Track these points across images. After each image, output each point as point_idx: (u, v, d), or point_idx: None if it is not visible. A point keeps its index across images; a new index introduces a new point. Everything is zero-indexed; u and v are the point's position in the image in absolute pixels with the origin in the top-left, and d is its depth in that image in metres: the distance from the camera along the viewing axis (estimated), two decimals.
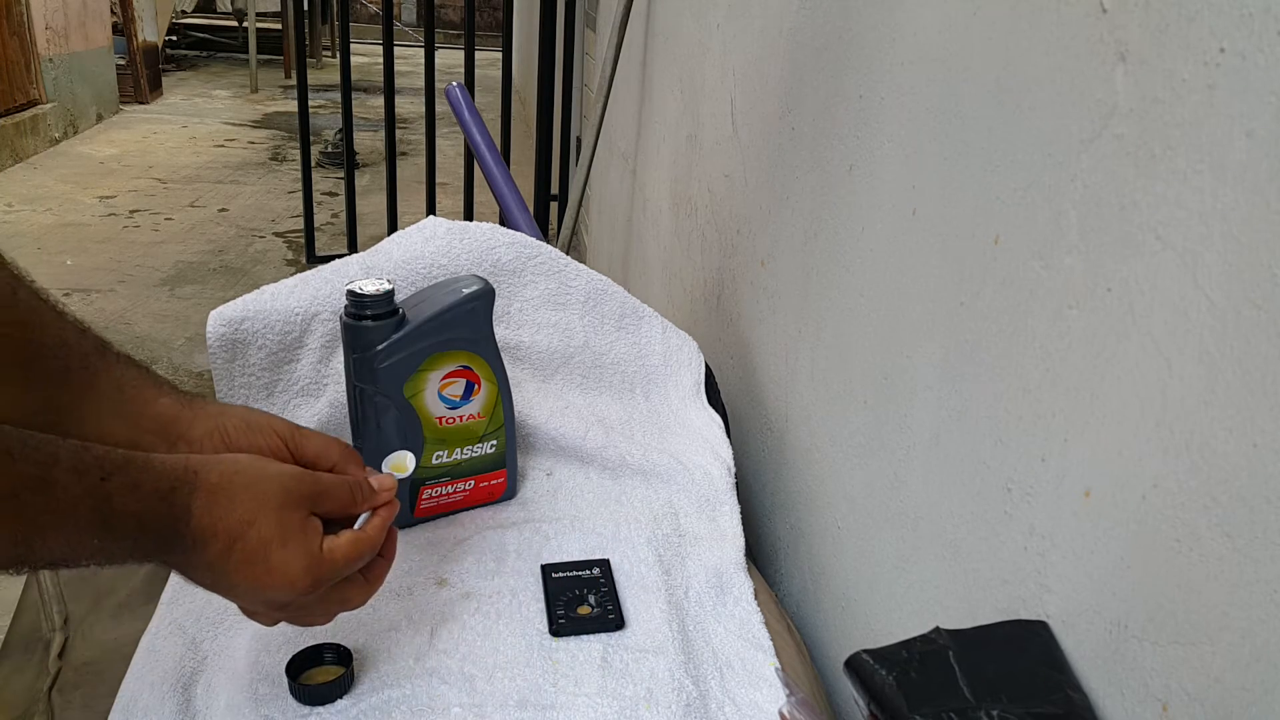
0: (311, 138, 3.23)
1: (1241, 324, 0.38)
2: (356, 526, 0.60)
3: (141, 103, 6.46)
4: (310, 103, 3.16)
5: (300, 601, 0.56)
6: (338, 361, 0.85)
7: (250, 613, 0.58)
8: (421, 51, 2.86)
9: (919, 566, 0.65)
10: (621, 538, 0.79)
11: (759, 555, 0.96)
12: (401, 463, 0.67)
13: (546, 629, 0.68)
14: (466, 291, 0.76)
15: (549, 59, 2.79)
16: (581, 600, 0.71)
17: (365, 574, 0.60)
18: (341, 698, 0.61)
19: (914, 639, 0.50)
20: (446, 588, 0.72)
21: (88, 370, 0.59)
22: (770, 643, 0.70)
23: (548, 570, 0.74)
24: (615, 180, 2.21)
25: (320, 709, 0.60)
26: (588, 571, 0.74)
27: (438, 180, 3.01)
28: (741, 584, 0.76)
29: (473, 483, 0.82)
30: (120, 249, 3.68)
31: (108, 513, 0.47)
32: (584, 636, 0.68)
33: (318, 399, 0.85)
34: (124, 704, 0.60)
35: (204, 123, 6.14)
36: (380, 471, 0.65)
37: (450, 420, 0.79)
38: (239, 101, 7.03)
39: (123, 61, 6.28)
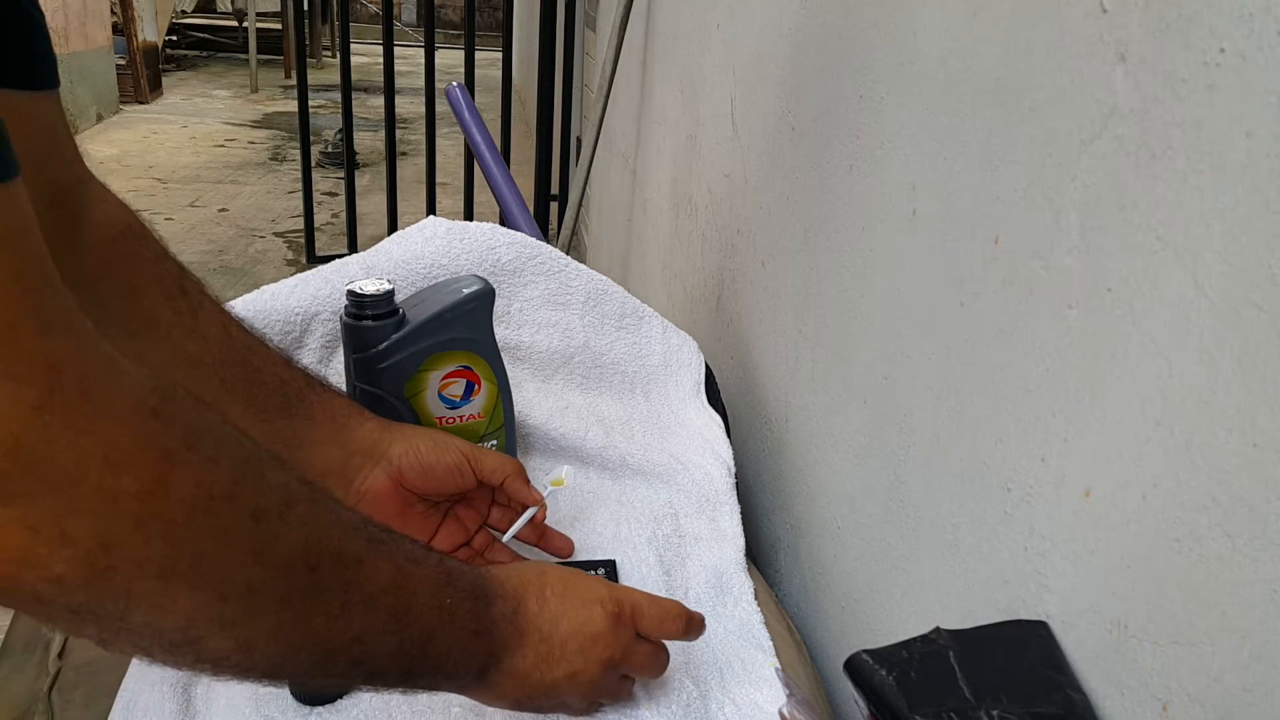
0: (311, 138, 3.23)
1: (1241, 324, 0.38)
2: (507, 537, 0.70)
3: (141, 103, 6.46)
4: (310, 103, 3.16)
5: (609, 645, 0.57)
6: (338, 361, 0.85)
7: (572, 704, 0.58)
8: (421, 51, 2.86)
9: (919, 566, 0.65)
10: (621, 538, 0.79)
11: (759, 555, 0.96)
12: (560, 476, 0.76)
13: None
14: (466, 291, 0.76)
15: (549, 59, 2.79)
16: None
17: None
18: (342, 698, 0.61)
19: (914, 639, 0.50)
20: None
21: (304, 403, 0.65)
22: (770, 643, 0.70)
23: None
24: (615, 180, 2.21)
25: (320, 709, 0.60)
26: (593, 572, 0.73)
27: (438, 180, 3.01)
28: (741, 584, 0.76)
29: None
30: None
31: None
32: None
33: None
34: (124, 704, 0.60)
35: (204, 123, 6.14)
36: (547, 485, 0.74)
37: (450, 420, 0.79)
38: (239, 101, 7.03)
39: (123, 61, 6.28)
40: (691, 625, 0.60)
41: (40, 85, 0.52)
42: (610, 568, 0.74)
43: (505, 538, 0.71)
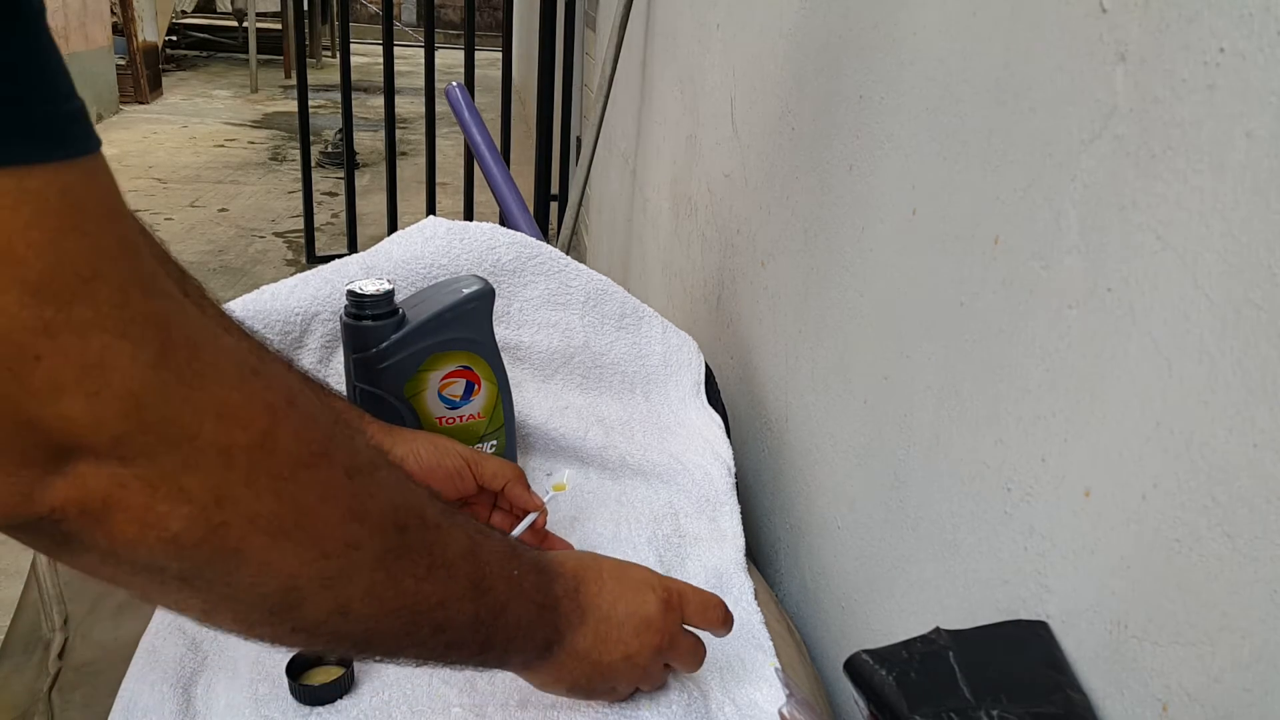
0: (311, 138, 3.23)
1: (1241, 324, 0.38)
2: (517, 532, 0.70)
3: (141, 103, 6.46)
4: (310, 103, 3.16)
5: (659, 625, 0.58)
6: (338, 361, 0.85)
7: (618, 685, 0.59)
8: (421, 51, 2.86)
9: (919, 566, 0.65)
10: (621, 538, 0.79)
11: (759, 555, 0.96)
12: (561, 481, 0.77)
13: None
14: (466, 291, 0.76)
15: (549, 59, 2.79)
16: None
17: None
18: (342, 698, 0.61)
19: (914, 639, 0.50)
20: None
21: None
22: (770, 643, 0.70)
23: None
24: (615, 180, 2.21)
25: (321, 709, 0.60)
26: None
27: (438, 180, 3.01)
28: (741, 584, 0.76)
29: None
30: None
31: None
32: None
33: None
34: (124, 704, 0.60)
35: (204, 123, 6.14)
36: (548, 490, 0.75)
37: (450, 420, 0.78)
38: (239, 101, 7.03)
39: (123, 61, 6.28)
40: (728, 618, 0.62)
41: None
42: None
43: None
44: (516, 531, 0.70)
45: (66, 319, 0.31)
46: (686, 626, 0.60)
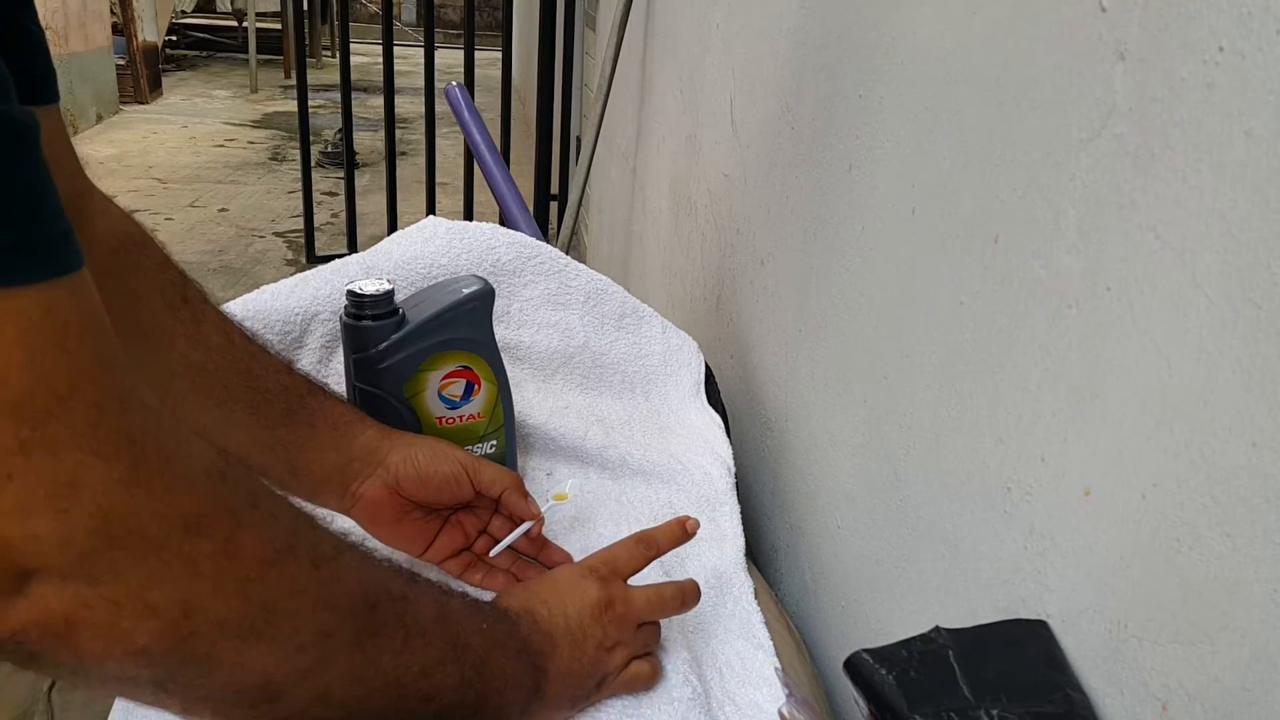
0: (311, 138, 3.23)
1: (1241, 323, 0.38)
2: (495, 552, 0.71)
3: (141, 103, 6.46)
4: (310, 103, 3.16)
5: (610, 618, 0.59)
6: (338, 361, 0.85)
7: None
8: (421, 51, 2.86)
9: (919, 566, 0.65)
10: (621, 538, 0.79)
11: (759, 555, 0.96)
12: (564, 491, 0.76)
13: None
14: (466, 291, 0.76)
15: (549, 59, 2.78)
16: None
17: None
18: None
19: (914, 639, 0.50)
20: None
21: (306, 410, 0.66)
22: (770, 643, 0.70)
23: None
24: (615, 180, 2.21)
25: None
26: None
27: (438, 180, 3.01)
28: (741, 584, 0.76)
29: None
30: None
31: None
32: None
33: None
34: (124, 704, 0.60)
35: (204, 123, 6.14)
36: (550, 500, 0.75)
37: (450, 420, 0.78)
38: (239, 101, 7.03)
39: (122, 61, 6.28)
40: (649, 548, 0.64)
41: (41, 101, 0.52)
42: None
43: (494, 552, 0.71)
44: (510, 540, 0.70)
45: (41, 437, 0.31)
46: (631, 583, 0.63)
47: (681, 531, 0.66)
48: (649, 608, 0.62)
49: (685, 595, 0.64)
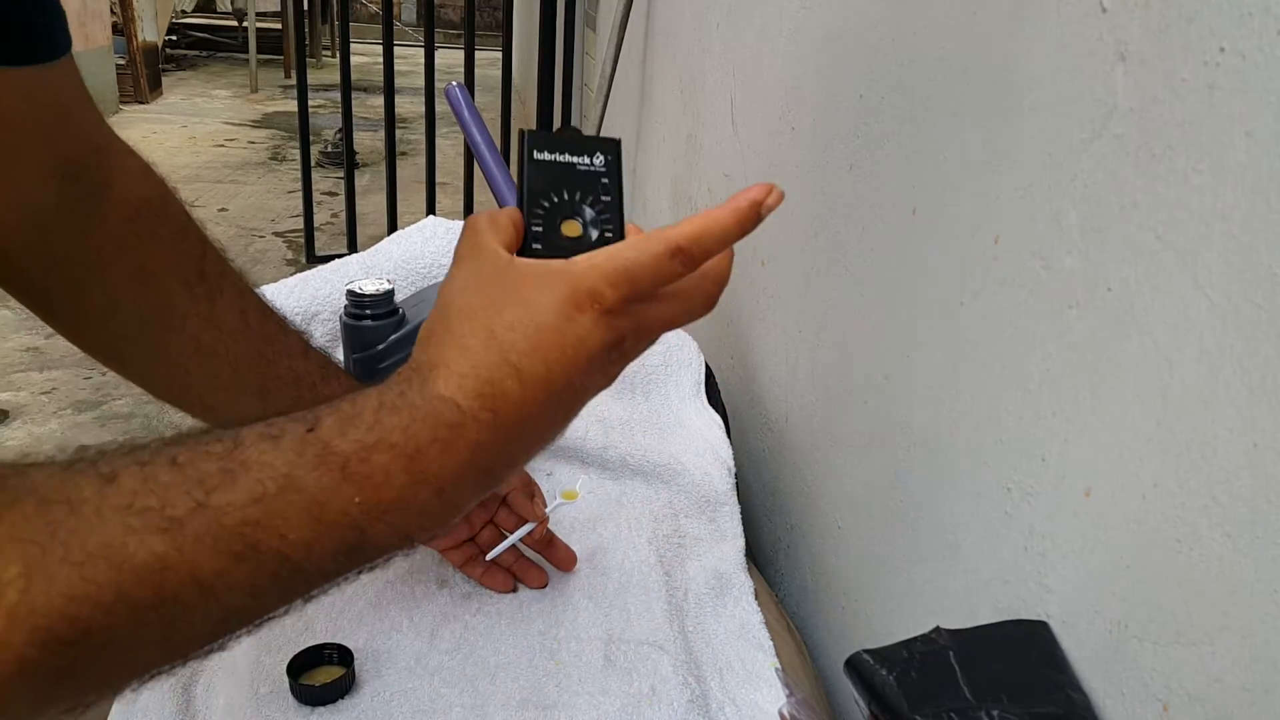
0: (311, 137, 3.23)
1: (1241, 324, 0.38)
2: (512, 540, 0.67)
3: (141, 102, 6.46)
4: (310, 102, 3.16)
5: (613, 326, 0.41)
6: (337, 361, 0.85)
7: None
8: (421, 51, 2.86)
9: (919, 566, 0.65)
10: (622, 539, 0.79)
11: (759, 555, 0.96)
12: (573, 489, 0.76)
13: (544, 629, 0.68)
14: None
15: (549, 59, 2.78)
16: (571, 209, 0.45)
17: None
18: (342, 698, 0.61)
19: (914, 639, 0.50)
20: (447, 588, 0.72)
21: (317, 399, 0.61)
22: (770, 643, 0.70)
23: (528, 143, 0.46)
24: None
25: (321, 709, 0.60)
26: (586, 160, 0.47)
27: (438, 180, 3.01)
28: (741, 584, 0.76)
29: None
30: None
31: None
32: (583, 629, 0.67)
33: None
34: (124, 704, 0.60)
35: (204, 123, 6.14)
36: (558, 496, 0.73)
37: None
38: (239, 101, 7.03)
39: (122, 61, 6.28)
40: (685, 255, 0.41)
41: (44, 58, 0.50)
42: (613, 154, 0.47)
43: (491, 555, 0.71)
44: (512, 539, 0.70)
45: None
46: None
47: (749, 212, 0.42)
48: (677, 319, 0.44)
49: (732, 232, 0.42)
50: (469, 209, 2.92)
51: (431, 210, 2.92)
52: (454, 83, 1.75)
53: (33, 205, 0.54)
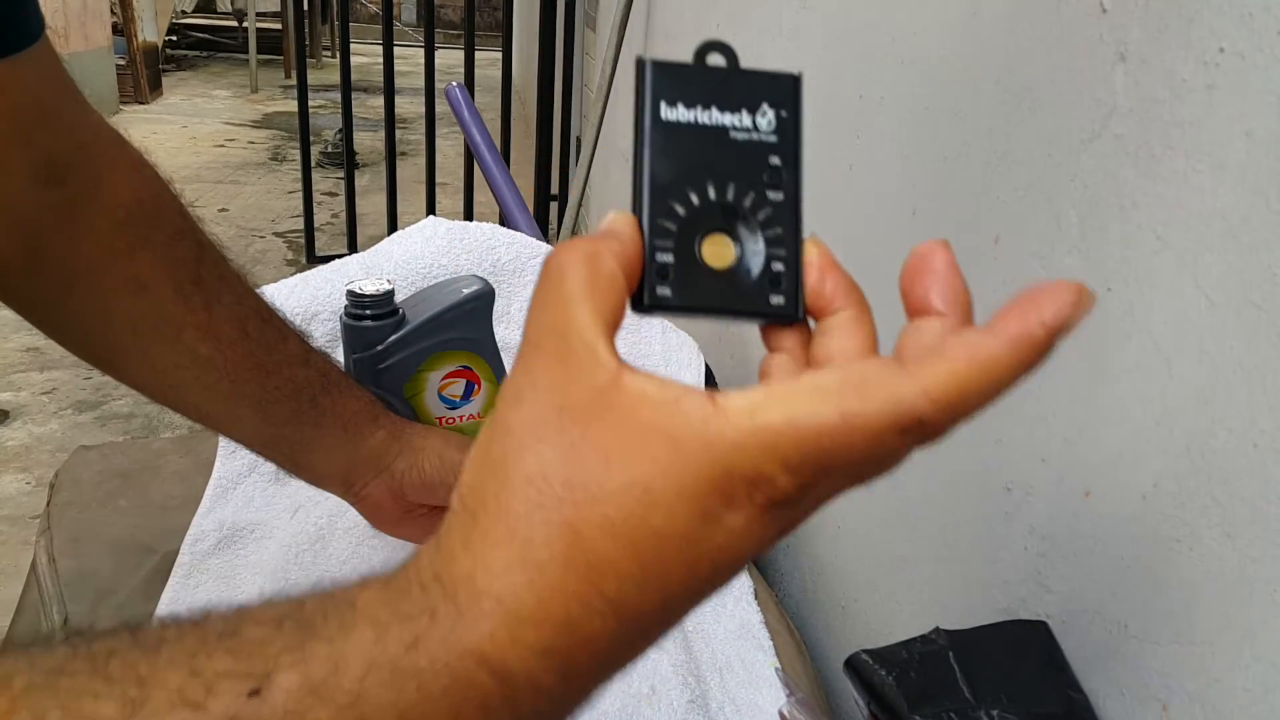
0: (311, 138, 3.23)
1: (1241, 324, 0.38)
2: None
3: (141, 103, 6.46)
4: (310, 103, 3.16)
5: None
6: (337, 361, 0.85)
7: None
8: (421, 51, 2.86)
9: (919, 566, 0.65)
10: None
11: (759, 556, 0.96)
12: None
13: None
14: (466, 291, 0.76)
15: (549, 59, 2.78)
16: (721, 214, 0.29)
17: None
18: None
19: (914, 639, 0.50)
20: None
21: (316, 409, 0.63)
22: (770, 643, 0.70)
23: (653, 90, 0.27)
24: (615, 180, 2.21)
25: None
26: (747, 118, 0.29)
27: (438, 180, 3.01)
28: (741, 584, 0.76)
29: None
30: None
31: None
32: None
33: None
34: None
35: (204, 123, 6.14)
36: None
37: (450, 420, 0.78)
38: (239, 101, 7.03)
39: (122, 61, 6.28)
40: (920, 426, 0.25)
41: (13, 49, 0.46)
42: (792, 97, 0.30)
43: None
44: None
45: None
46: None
47: (1044, 344, 0.24)
48: (854, 486, 0.28)
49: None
50: (469, 209, 2.92)
51: (431, 210, 2.93)
52: (454, 83, 1.75)
53: (14, 213, 0.51)
